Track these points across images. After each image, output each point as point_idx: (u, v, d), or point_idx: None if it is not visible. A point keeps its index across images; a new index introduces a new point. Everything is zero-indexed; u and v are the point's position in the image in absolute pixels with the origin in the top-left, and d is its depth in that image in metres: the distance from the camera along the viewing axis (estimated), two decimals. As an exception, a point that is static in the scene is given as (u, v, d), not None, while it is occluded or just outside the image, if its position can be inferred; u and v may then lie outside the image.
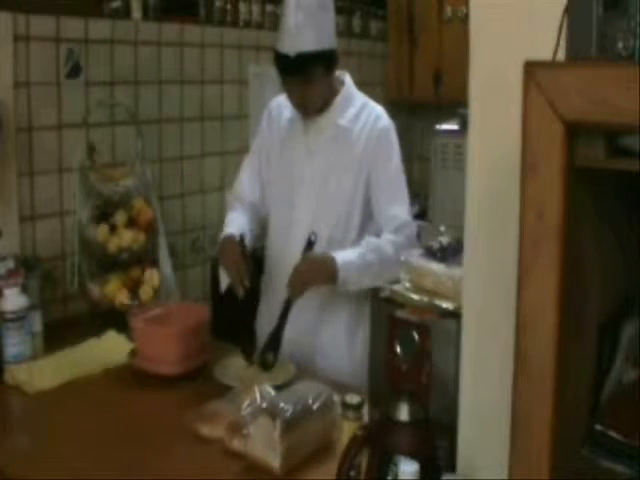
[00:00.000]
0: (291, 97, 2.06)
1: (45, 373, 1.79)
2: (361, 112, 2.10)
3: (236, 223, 2.14)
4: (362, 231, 2.10)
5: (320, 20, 1.99)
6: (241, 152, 2.89)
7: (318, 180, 2.09)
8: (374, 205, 2.09)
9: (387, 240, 2.02)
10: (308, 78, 1.97)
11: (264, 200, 2.21)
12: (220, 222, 2.84)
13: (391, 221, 2.06)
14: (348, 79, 2.15)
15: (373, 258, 1.97)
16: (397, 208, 2.08)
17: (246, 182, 2.23)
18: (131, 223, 2.20)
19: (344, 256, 1.96)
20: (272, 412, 1.41)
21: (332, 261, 1.94)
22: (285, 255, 2.10)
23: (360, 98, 2.15)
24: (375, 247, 2.00)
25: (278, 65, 2.00)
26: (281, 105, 2.19)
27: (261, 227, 2.22)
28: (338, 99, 2.10)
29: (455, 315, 1.25)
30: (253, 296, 2.10)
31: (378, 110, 2.13)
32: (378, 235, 2.07)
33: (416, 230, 2.12)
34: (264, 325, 2.18)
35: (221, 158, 2.85)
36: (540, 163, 0.88)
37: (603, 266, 1.02)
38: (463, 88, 1.14)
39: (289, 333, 2.00)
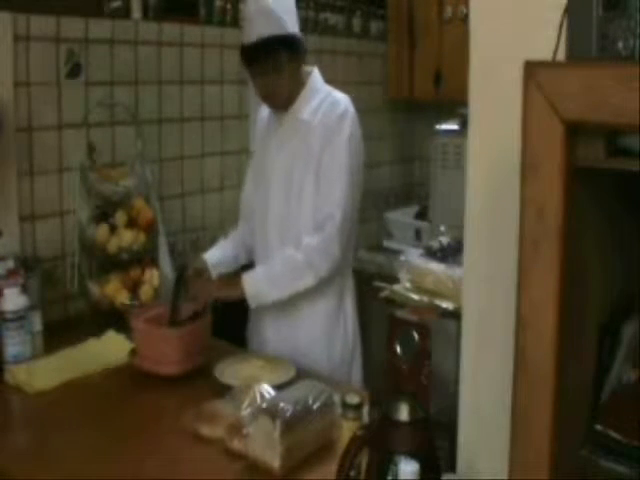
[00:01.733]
0: (259, 89, 2.05)
1: (45, 373, 1.79)
2: (322, 103, 2.06)
3: (219, 248, 2.23)
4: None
5: (281, 5, 1.98)
6: (241, 152, 2.90)
7: (283, 176, 2.07)
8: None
9: (303, 247, 1.97)
10: (274, 64, 1.96)
11: None
12: (220, 222, 2.85)
13: (316, 215, 2.01)
14: (315, 72, 2.12)
15: (281, 270, 1.98)
16: (324, 200, 2.00)
17: (248, 195, 2.25)
18: (131, 223, 2.20)
19: (251, 272, 2.02)
20: (272, 412, 1.41)
21: (238, 277, 2.01)
22: (265, 259, 2.11)
23: (324, 90, 2.11)
24: (285, 258, 1.99)
25: (243, 58, 2.01)
26: (261, 109, 2.22)
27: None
28: (303, 91, 2.07)
29: (455, 315, 1.26)
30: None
31: (338, 97, 2.08)
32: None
33: (342, 218, 1.98)
34: (253, 332, 2.21)
35: (221, 158, 2.85)
36: (540, 163, 0.88)
37: (603, 266, 1.02)
38: (463, 88, 1.14)
39: (270, 334, 2.07)
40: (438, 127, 3.16)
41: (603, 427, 0.99)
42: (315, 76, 2.12)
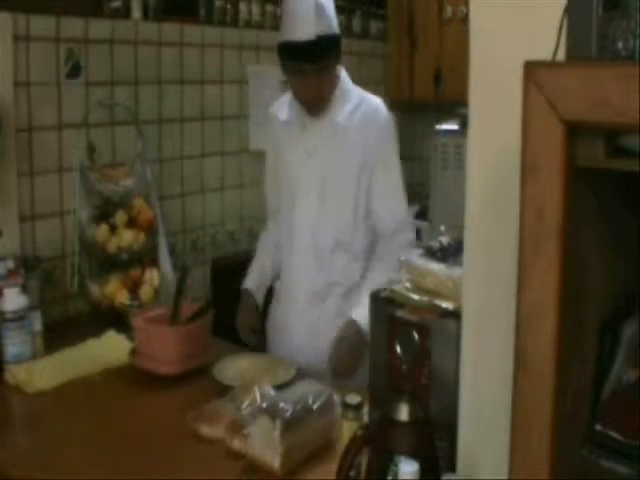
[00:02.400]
0: (304, 90, 1.99)
1: (45, 373, 1.80)
2: (358, 107, 2.04)
3: (257, 270, 2.21)
4: (369, 233, 2.06)
5: (330, 4, 1.96)
6: (241, 152, 2.90)
7: (316, 183, 2.04)
8: (372, 205, 2.05)
9: (387, 263, 1.96)
10: (326, 64, 1.93)
11: None
12: (220, 222, 2.85)
13: (390, 223, 2.03)
14: (344, 74, 2.09)
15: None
16: (396, 209, 2.04)
17: (272, 195, 2.23)
18: (131, 223, 2.20)
19: (358, 309, 1.94)
20: (272, 412, 1.41)
21: (353, 324, 1.95)
22: (290, 260, 2.10)
23: (357, 92, 2.08)
24: (376, 280, 1.93)
25: (292, 55, 1.94)
26: (275, 111, 2.16)
27: None
28: (335, 95, 2.03)
29: (455, 315, 1.25)
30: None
31: (376, 102, 2.07)
32: (377, 237, 2.05)
33: (414, 231, 2.10)
34: (275, 326, 2.18)
35: (221, 158, 2.85)
36: (540, 163, 0.88)
37: (603, 266, 1.02)
38: (463, 88, 1.14)
39: (297, 340, 2.05)
40: (438, 127, 3.16)
41: (603, 427, 0.99)
42: (345, 77, 2.09)
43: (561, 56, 0.93)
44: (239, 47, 2.87)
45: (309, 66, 1.92)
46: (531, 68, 0.86)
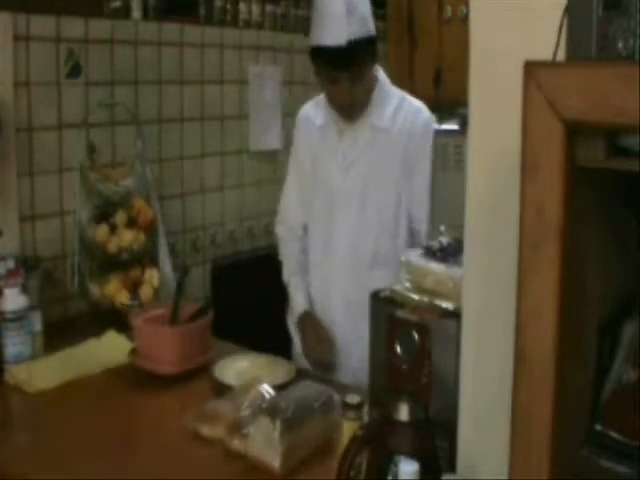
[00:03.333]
0: (337, 97, 1.88)
1: (45, 373, 1.79)
2: (399, 109, 1.93)
3: (302, 289, 2.07)
4: (409, 241, 1.97)
5: (364, 3, 1.84)
6: (241, 152, 2.90)
7: (357, 190, 1.94)
8: (412, 208, 1.96)
9: None
10: (360, 69, 1.80)
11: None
12: (220, 222, 2.85)
13: (426, 225, 1.96)
14: (382, 74, 1.97)
15: None
16: (428, 211, 1.97)
17: (292, 207, 2.13)
18: (131, 223, 2.20)
19: None
20: (272, 412, 1.41)
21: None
22: (326, 272, 2.03)
23: (397, 93, 1.98)
24: None
25: (324, 61, 1.81)
26: (310, 115, 2.06)
27: None
28: (373, 98, 1.92)
29: (455, 315, 1.25)
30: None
31: (417, 104, 1.96)
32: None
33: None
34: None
35: (221, 158, 2.85)
36: (540, 163, 0.88)
37: (603, 266, 1.02)
38: (463, 88, 1.14)
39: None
40: (438, 127, 3.16)
41: (603, 427, 0.99)
42: (384, 78, 1.98)
43: (561, 56, 0.93)
44: (239, 47, 2.87)
45: (342, 73, 1.80)
46: (531, 68, 0.86)
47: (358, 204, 1.95)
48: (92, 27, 2.31)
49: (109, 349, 1.95)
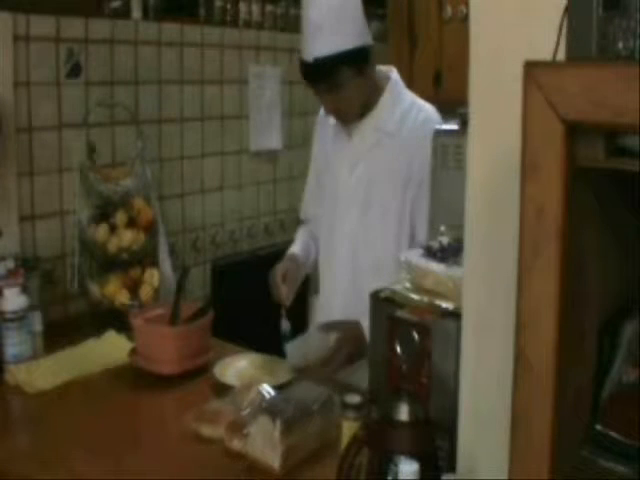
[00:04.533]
0: (324, 104, 1.92)
1: (45, 373, 1.79)
2: (408, 114, 1.92)
3: (301, 241, 2.13)
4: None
5: (343, 16, 1.78)
6: (241, 152, 2.90)
7: (361, 190, 1.93)
8: (416, 220, 1.90)
9: None
10: (335, 83, 1.80)
11: None
12: (220, 222, 2.85)
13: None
14: (395, 75, 1.96)
15: None
16: (424, 229, 1.88)
17: (309, 203, 2.18)
18: (131, 223, 2.20)
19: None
20: (272, 412, 1.41)
21: (357, 326, 1.82)
22: (328, 277, 2.05)
23: (409, 97, 1.96)
24: None
25: (301, 73, 1.86)
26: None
27: None
28: (382, 99, 1.91)
29: (455, 315, 1.25)
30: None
31: (428, 110, 1.95)
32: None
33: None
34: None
35: (221, 158, 2.85)
36: (540, 163, 0.88)
37: (603, 266, 1.02)
38: (463, 88, 1.14)
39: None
40: (438, 127, 3.16)
41: (603, 427, 0.99)
42: (395, 80, 1.96)
43: (561, 56, 0.93)
44: (239, 47, 2.87)
45: (314, 86, 1.85)
46: (531, 68, 0.86)
47: (361, 205, 1.95)
48: (92, 27, 2.31)
49: (109, 349, 1.96)
